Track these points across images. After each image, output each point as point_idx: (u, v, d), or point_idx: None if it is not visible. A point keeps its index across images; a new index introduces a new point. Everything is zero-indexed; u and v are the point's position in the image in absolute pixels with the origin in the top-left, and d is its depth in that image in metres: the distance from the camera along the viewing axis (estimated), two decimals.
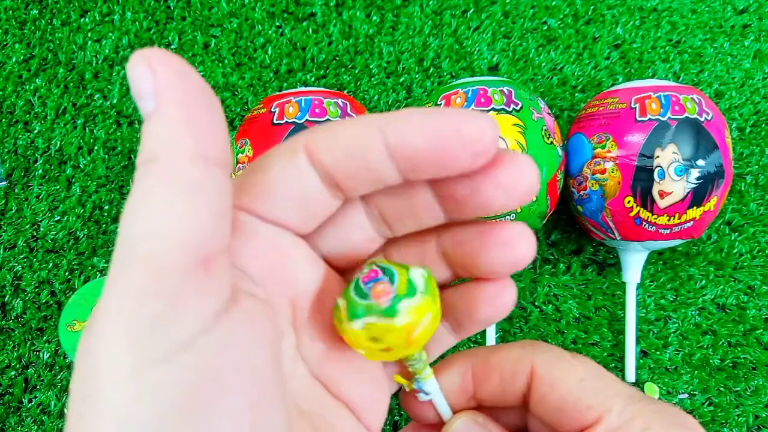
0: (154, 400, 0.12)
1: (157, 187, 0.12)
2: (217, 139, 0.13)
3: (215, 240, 0.13)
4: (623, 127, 0.33)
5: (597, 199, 0.34)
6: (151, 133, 0.13)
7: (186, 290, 0.12)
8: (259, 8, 0.44)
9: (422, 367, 0.19)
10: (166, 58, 0.13)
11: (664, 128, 0.32)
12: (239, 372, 0.13)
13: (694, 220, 0.33)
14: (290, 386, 0.17)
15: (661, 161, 0.32)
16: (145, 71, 0.13)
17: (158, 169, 0.13)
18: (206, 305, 0.13)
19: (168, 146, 0.13)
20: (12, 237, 0.40)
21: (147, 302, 0.12)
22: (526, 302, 0.39)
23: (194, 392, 0.12)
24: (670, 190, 0.32)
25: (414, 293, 0.17)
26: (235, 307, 0.14)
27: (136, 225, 0.12)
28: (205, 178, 0.13)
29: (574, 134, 0.36)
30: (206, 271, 0.13)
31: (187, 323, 0.12)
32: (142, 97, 0.13)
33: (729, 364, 0.38)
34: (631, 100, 0.34)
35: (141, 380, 0.12)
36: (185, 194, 0.13)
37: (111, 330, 0.12)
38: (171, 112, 0.13)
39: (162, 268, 0.12)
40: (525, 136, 0.32)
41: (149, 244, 0.12)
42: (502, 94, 0.33)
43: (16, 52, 0.43)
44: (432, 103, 0.35)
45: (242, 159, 0.33)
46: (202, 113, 0.13)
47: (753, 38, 0.44)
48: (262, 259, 0.16)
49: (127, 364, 0.12)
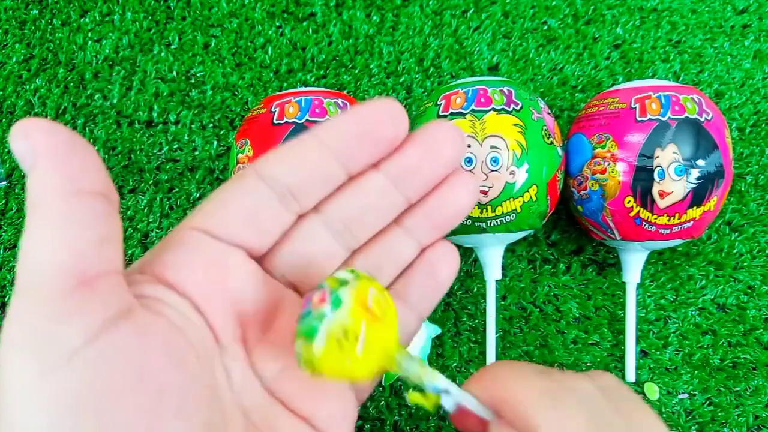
0: (47, 407, 0.13)
1: (35, 226, 0.14)
2: (89, 173, 0.15)
3: (97, 262, 0.15)
4: (623, 127, 0.33)
5: (597, 199, 0.34)
6: (31, 184, 0.15)
7: (66, 308, 0.14)
8: (259, 8, 0.44)
9: (419, 371, 0.18)
10: (38, 124, 0.15)
11: (664, 128, 0.32)
12: (130, 379, 0.14)
13: (694, 220, 0.33)
14: (241, 400, 0.18)
15: (661, 161, 0.32)
16: (21, 139, 0.15)
17: (36, 211, 0.15)
18: (89, 320, 0.14)
19: (42, 190, 0.15)
20: (12, 237, 0.40)
21: (32, 323, 0.14)
22: (526, 302, 0.39)
23: (85, 398, 0.14)
24: (670, 190, 0.32)
25: (334, 309, 0.16)
26: (126, 321, 0.15)
27: (21, 260, 0.15)
28: (78, 209, 0.15)
29: (574, 134, 0.36)
30: (89, 291, 0.14)
31: (70, 336, 0.14)
32: (23, 161, 0.15)
33: (729, 364, 0.38)
34: (631, 100, 0.34)
35: (34, 390, 0.13)
36: (58, 227, 0.14)
37: (6, 351, 0.14)
38: (42, 163, 0.15)
39: (42, 293, 0.14)
40: (525, 136, 0.32)
41: (31, 274, 0.14)
42: (502, 94, 0.33)
43: (16, 52, 0.43)
44: (432, 103, 0.35)
45: (242, 159, 0.33)
46: (72, 156, 0.15)
47: (753, 38, 0.44)
48: (201, 275, 0.18)
49: (23, 377, 0.13)
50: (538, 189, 0.33)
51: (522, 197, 0.33)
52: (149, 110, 0.42)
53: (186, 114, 0.42)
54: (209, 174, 0.41)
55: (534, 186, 0.33)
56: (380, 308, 0.17)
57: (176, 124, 0.42)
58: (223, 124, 0.42)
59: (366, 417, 0.37)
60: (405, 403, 0.37)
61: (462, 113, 0.33)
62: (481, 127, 0.32)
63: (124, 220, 0.40)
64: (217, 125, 0.42)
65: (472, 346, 0.38)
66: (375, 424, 0.37)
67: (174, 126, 0.42)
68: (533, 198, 0.33)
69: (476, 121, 0.32)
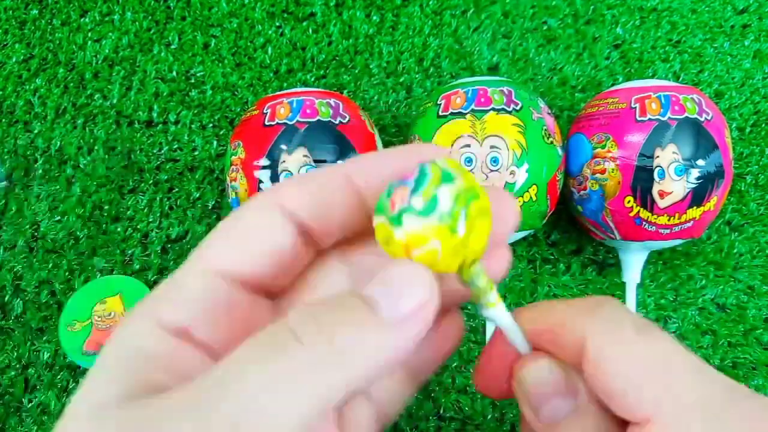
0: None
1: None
2: None
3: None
4: (623, 127, 0.33)
5: (597, 199, 0.34)
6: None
7: None
8: (259, 8, 0.44)
9: (480, 293, 0.17)
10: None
11: (664, 128, 0.32)
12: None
13: (694, 220, 0.33)
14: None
15: (661, 161, 0.32)
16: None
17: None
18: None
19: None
20: (12, 237, 0.40)
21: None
22: (526, 302, 0.39)
23: None
24: (670, 190, 0.32)
25: (429, 212, 0.14)
26: None
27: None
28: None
29: (574, 134, 0.36)
30: None
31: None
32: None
33: (729, 364, 0.38)
34: (631, 100, 0.34)
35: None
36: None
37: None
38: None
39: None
40: (525, 136, 0.32)
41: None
42: (502, 94, 0.33)
43: (16, 52, 0.43)
44: (432, 103, 0.35)
45: (235, 161, 0.34)
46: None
47: (753, 38, 0.44)
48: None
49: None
50: (538, 189, 0.33)
51: (522, 197, 0.33)
52: (149, 110, 0.42)
53: (186, 114, 0.42)
54: (209, 174, 0.41)
55: (534, 186, 0.33)
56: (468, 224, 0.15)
57: (176, 124, 0.42)
58: (222, 124, 0.42)
59: None
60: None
61: (462, 113, 0.33)
62: (481, 127, 0.32)
63: (124, 220, 0.40)
64: (217, 125, 0.42)
65: (473, 346, 0.38)
66: None
67: (174, 126, 0.42)
68: (533, 198, 0.33)
69: (476, 121, 0.32)
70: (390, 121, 0.42)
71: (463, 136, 0.32)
